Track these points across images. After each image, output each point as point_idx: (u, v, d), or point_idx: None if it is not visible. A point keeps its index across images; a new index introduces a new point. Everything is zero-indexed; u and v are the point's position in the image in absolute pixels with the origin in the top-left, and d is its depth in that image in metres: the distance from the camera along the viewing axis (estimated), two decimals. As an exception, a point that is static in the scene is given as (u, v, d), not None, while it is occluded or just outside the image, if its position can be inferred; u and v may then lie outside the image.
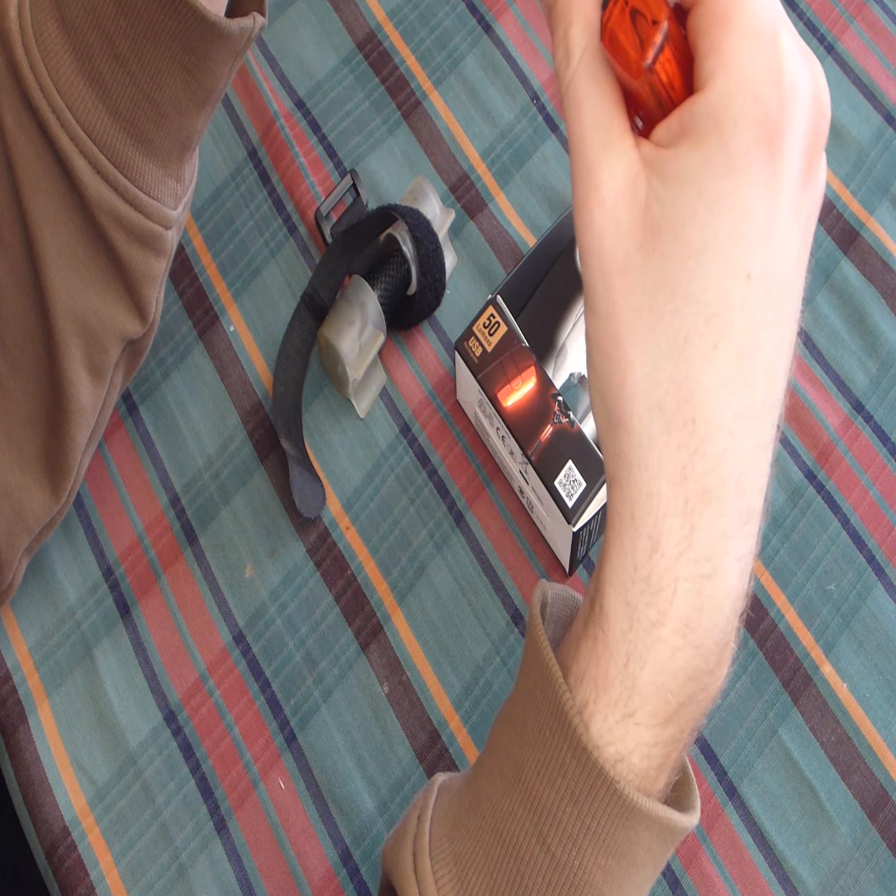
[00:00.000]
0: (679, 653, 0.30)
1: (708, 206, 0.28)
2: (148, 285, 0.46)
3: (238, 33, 0.42)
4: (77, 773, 0.53)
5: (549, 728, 0.31)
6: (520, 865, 0.32)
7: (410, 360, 0.61)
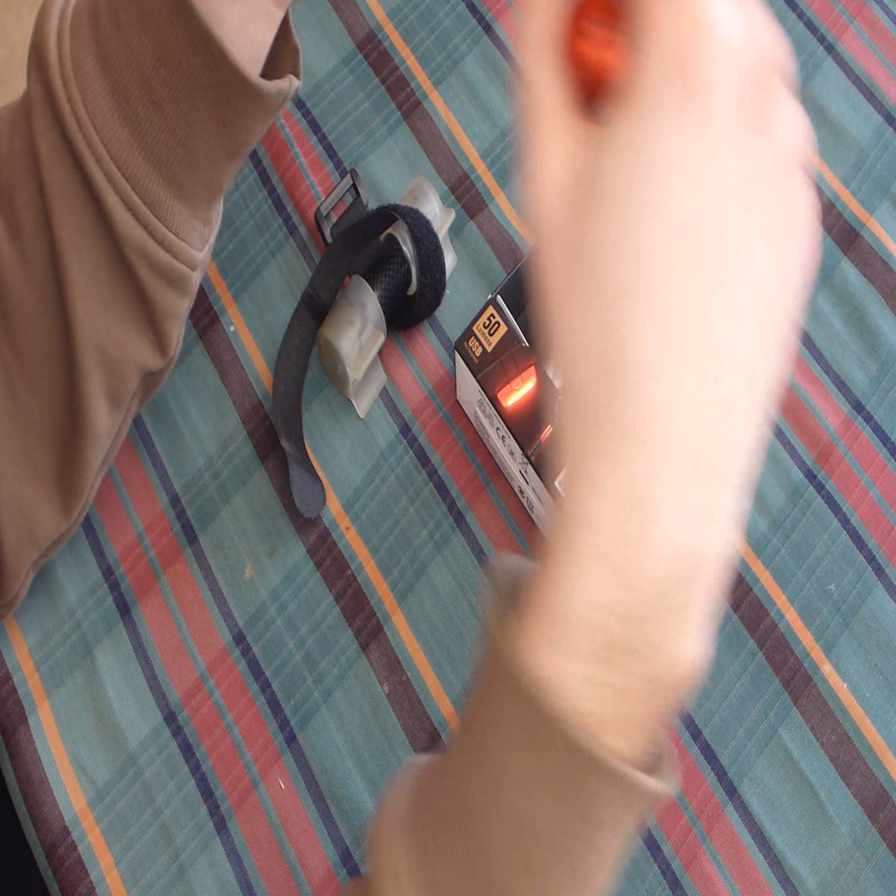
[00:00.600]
0: (614, 591, 0.29)
1: (635, 163, 0.28)
2: (170, 322, 0.47)
3: (275, 94, 0.44)
4: (77, 773, 0.53)
5: (497, 679, 0.31)
6: (471, 821, 0.32)
7: (410, 360, 0.61)
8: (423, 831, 0.34)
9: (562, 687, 0.30)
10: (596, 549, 0.29)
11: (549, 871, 0.32)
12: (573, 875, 0.32)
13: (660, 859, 0.51)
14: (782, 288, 0.30)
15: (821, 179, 0.65)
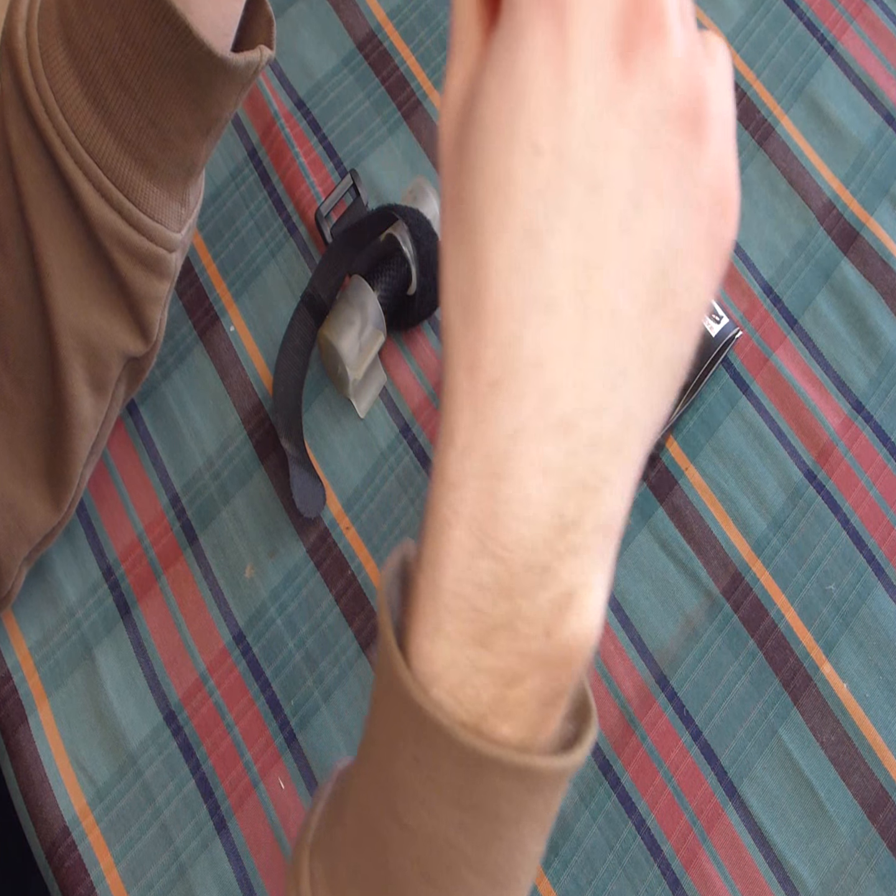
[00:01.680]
0: (480, 562, 0.27)
1: (499, 81, 0.26)
2: (151, 306, 0.47)
3: (244, 67, 0.43)
4: (77, 773, 0.53)
5: (385, 693, 0.30)
6: (377, 845, 0.31)
7: (410, 360, 0.61)
8: (332, 854, 0.33)
9: (443, 681, 0.28)
10: (460, 514, 0.27)
11: (465, 882, 0.30)
12: (484, 876, 0.30)
13: (660, 859, 0.51)
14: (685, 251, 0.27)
15: (821, 179, 0.65)
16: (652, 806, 0.52)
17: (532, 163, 0.26)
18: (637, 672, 0.54)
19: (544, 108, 0.26)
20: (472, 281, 0.26)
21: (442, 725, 0.27)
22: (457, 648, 0.27)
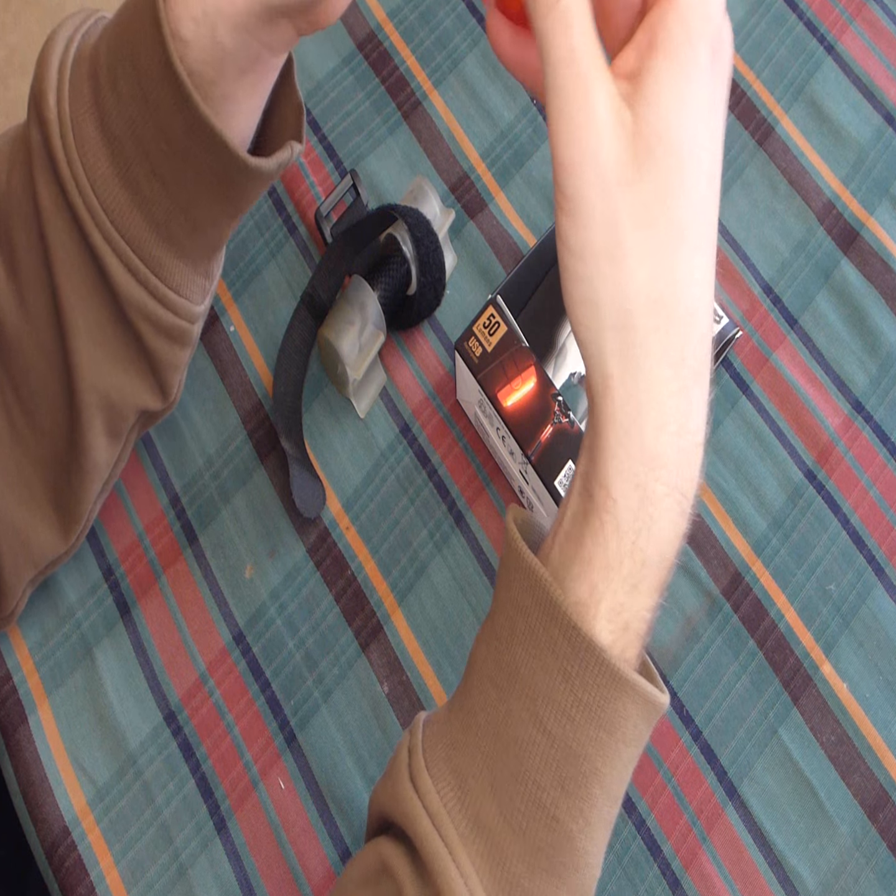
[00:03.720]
0: (677, 519, 0.33)
1: (686, 113, 0.31)
2: (172, 372, 0.48)
3: (275, 170, 0.44)
4: (77, 773, 0.53)
5: (541, 625, 0.34)
6: (519, 754, 0.34)
7: (410, 360, 0.61)
8: (462, 772, 0.35)
9: (597, 608, 0.33)
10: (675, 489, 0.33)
11: (587, 791, 0.34)
12: (605, 790, 0.34)
13: (660, 859, 0.51)
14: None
15: (821, 179, 0.65)
16: (652, 806, 0.52)
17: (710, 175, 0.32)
18: (637, 672, 0.54)
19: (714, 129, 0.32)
20: (674, 286, 0.32)
21: (597, 648, 0.32)
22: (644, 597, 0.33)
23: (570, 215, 0.31)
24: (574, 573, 0.33)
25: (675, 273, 0.32)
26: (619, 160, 0.31)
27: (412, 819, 0.35)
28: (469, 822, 0.34)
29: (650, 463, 0.32)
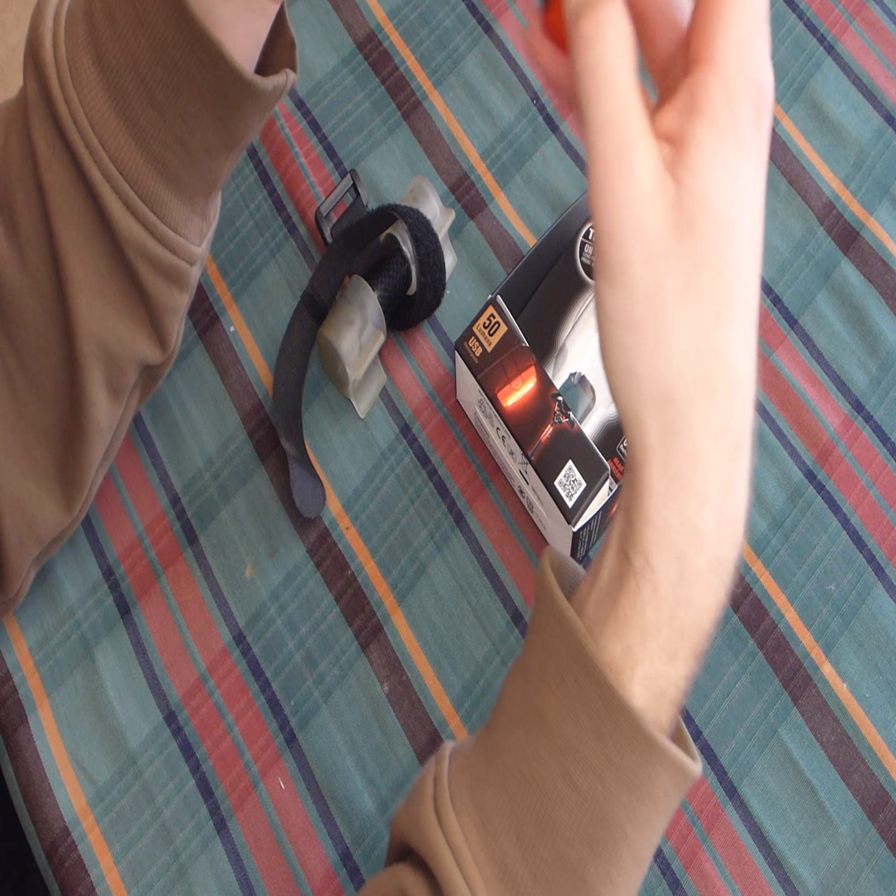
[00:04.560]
0: (715, 591, 0.33)
1: (729, 181, 0.30)
2: (170, 317, 0.47)
3: (271, 91, 0.44)
4: (77, 772, 0.53)
5: (572, 675, 0.33)
6: (546, 804, 0.34)
7: (410, 360, 0.61)
8: (486, 810, 0.35)
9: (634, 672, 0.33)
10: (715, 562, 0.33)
11: (616, 855, 0.34)
12: (634, 856, 0.34)
13: (660, 859, 0.51)
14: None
15: (821, 179, 0.65)
16: (652, 806, 0.52)
17: (754, 246, 0.31)
18: (637, 672, 0.54)
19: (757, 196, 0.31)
20: (717, 359, 0.31)
21: (632, 713, 0.32)
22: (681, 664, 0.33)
23: (610, 283, 0.31)
24: (609, 632, 0.33)
25: (718, 345, 0.31)
26: (662, 231, 0.30)
27: (435, 853, 0.35)
28: (493, 866, 0.34)
29: (690, 537, 0.32)
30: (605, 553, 0.34)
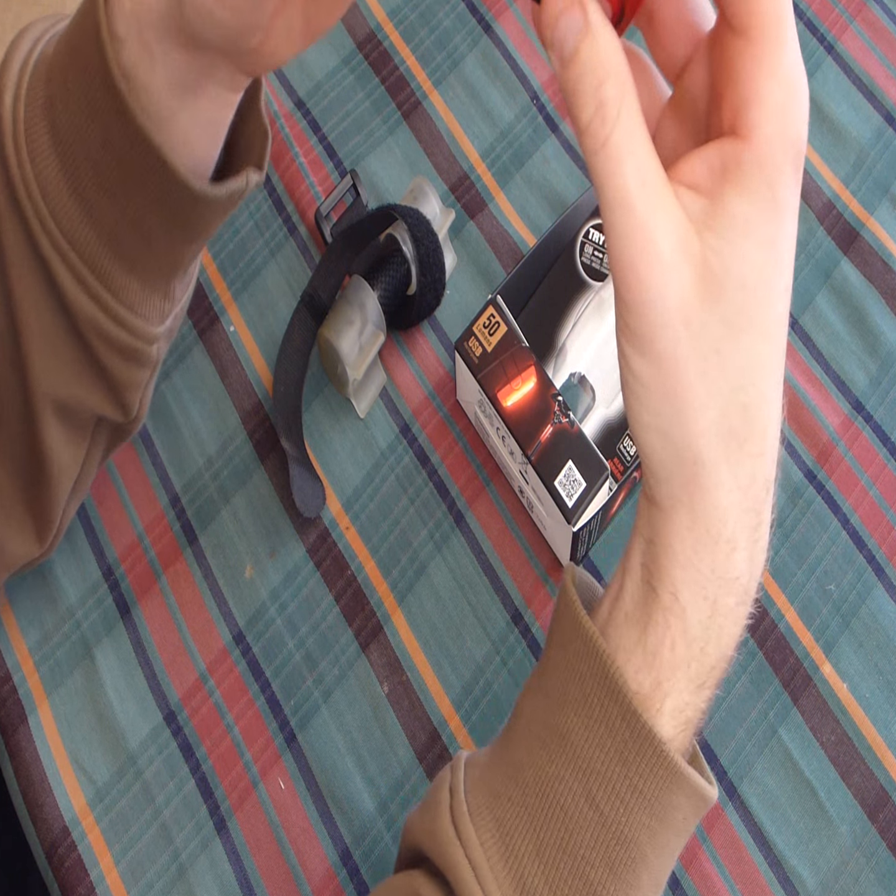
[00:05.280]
0: (742, 620, 0.34)
1: (760, 246, 0.29)
2: (130, 391, 0.45)
3: (226, 198, 0.40)
4: (77, 773, 0.53)
5: (596, 697, 0.34)
6: (567, 824, 0.34)
7: (410, 360, 0.61)
8: (506, 827, 0.35)
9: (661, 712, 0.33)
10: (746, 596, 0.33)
11: (635, 876, 0.34)
12: (651, 877, 0.35)
13: (660, 859, 0.51)
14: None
15: (821, 179, 0.65)
16: (652, 806, 0.52)
17: (786, 301, 0.31)
18: (637, 672, 0.54)
19: (791, 257, 0.31)
20: (746, 417, 0.31)
21: (658, 741, 0.33)
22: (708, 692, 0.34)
23: (636, 350, 0.30)
24: (636, 662, 0.33)
25: (746, 404, 0.31)
26: (686, 299, 0.29)
27: (453, 866, 0.35)
28: (513, 883, 0.34)
29: (721, 580, 0.32)
30: (626, 577, 0.34)
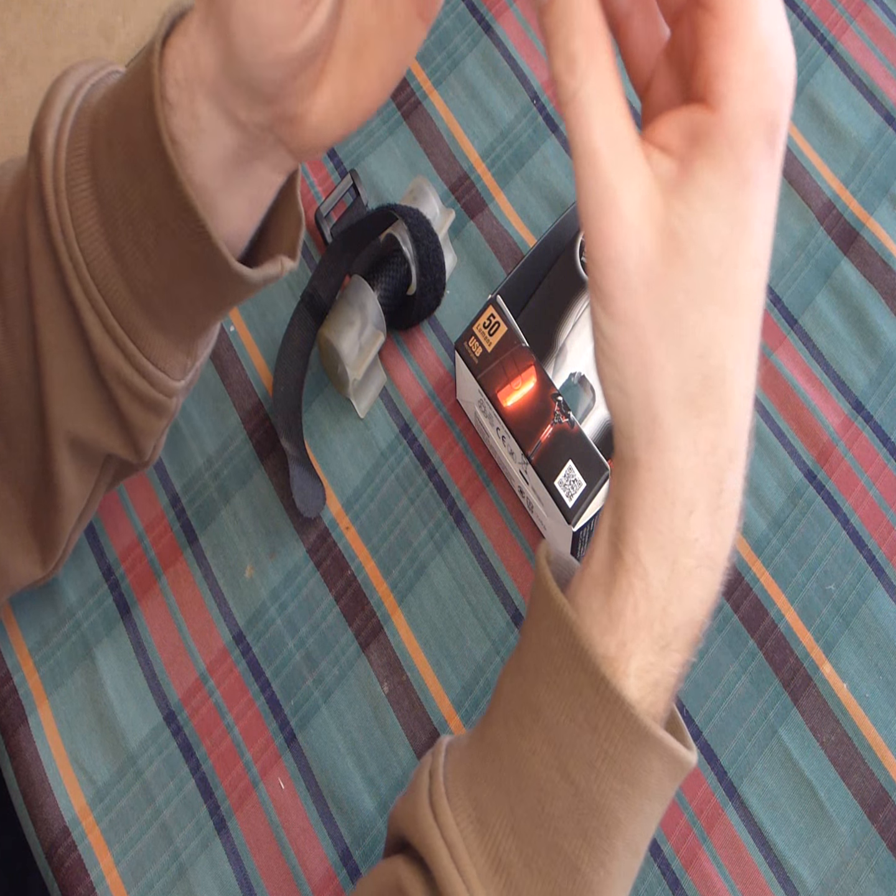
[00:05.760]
0: (709, 585, 0.34)
1: (725, 217, 0.29)
2: (146, 437, 0.46)
3: (260, 282, 0.42)
4: (77, 773, 0.53)
5: (567, 669, 0.34)
6: (541, 797, 0.34)
7: (410, 360, 0.61)
8: (482, 806, 0.35)
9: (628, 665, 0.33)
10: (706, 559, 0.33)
11: (609, 843, 0.34)
12: (627, 843, 0.35)
13: (660, 859, 0.51)
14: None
15: (821, 179, 0.65)
16: (652, 806, 0.52)
17: (755, 276, 0.31)
18: (637, 672, 0.54)
19: (762, 231, 0.30)
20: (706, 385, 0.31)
21: (626, 704, 0.33)
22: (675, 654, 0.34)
23: (602, 308, 0.31)
24: (603, 625, 0.34)
25: (705, 377, 0.31)
26: (647, 261, 0.29)
27: (430, 849, 0.35)
28: (488, 860, 0.34)
29: (679, 542, 0.33)
30: (596, 540, 0.35)
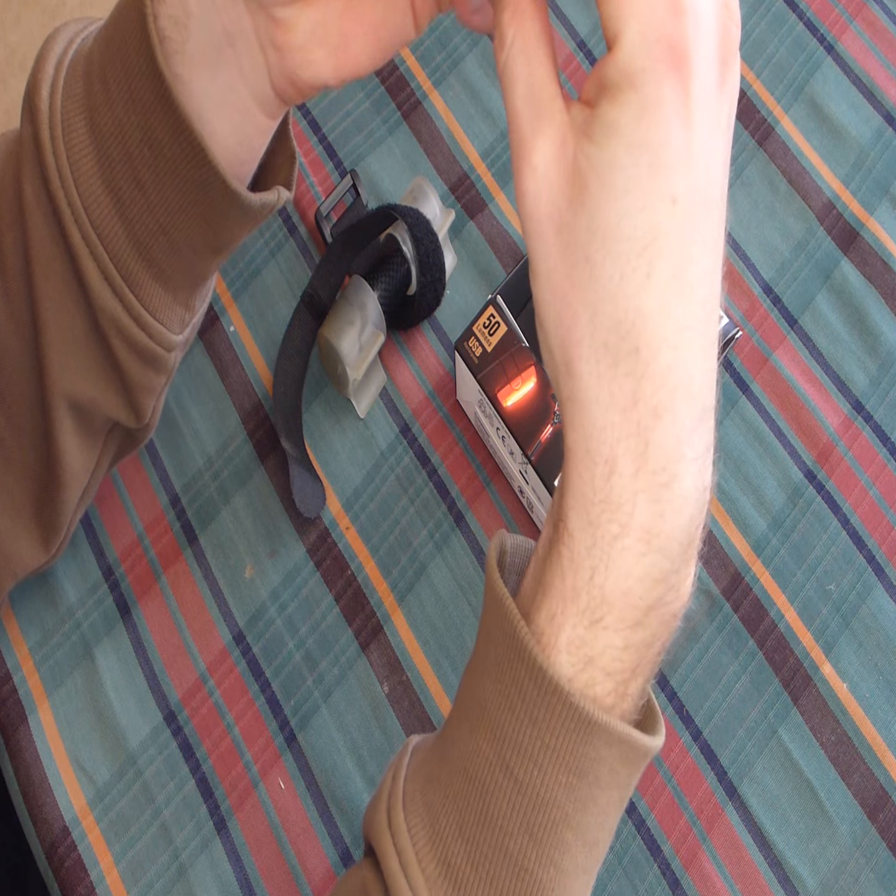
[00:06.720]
0: (644, 558, 0.31)
1: (628, 149, 0.29)
2: (145, 395, 0.45)
3: (259, 208, 0.42)
4: (77, 773, 0.53)
5: (507, 658, 0.33)
6: (485, 797, 0.33)
7: (410, 360, 0.61)
8: (434, 810, 0.35)
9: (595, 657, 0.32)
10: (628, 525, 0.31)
11: (556, 838, 0.33)
12: (579, 836, 0.34)
13: (660, 859, 0.51)
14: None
15: (821, 179, 0.65)
16: (652, 806, 0.52)
17: (671, 212, 0.29)
18: (637, 672, 0.54)
19: (677, 163, 0.29)
20: (619, 330, 0.30)
21: (561, 689, 0.31)
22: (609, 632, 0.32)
23: (531, 269, 0.32)
24: (537, 603, 0.33)
25: (618, 323, 0.30)
26: (555, 206, 0.30)
27: (382, 854, 0.35)
28: (438, 866, 0.34)
29: (601, 504, 0.31)
30: (546, 522, 0.34)
